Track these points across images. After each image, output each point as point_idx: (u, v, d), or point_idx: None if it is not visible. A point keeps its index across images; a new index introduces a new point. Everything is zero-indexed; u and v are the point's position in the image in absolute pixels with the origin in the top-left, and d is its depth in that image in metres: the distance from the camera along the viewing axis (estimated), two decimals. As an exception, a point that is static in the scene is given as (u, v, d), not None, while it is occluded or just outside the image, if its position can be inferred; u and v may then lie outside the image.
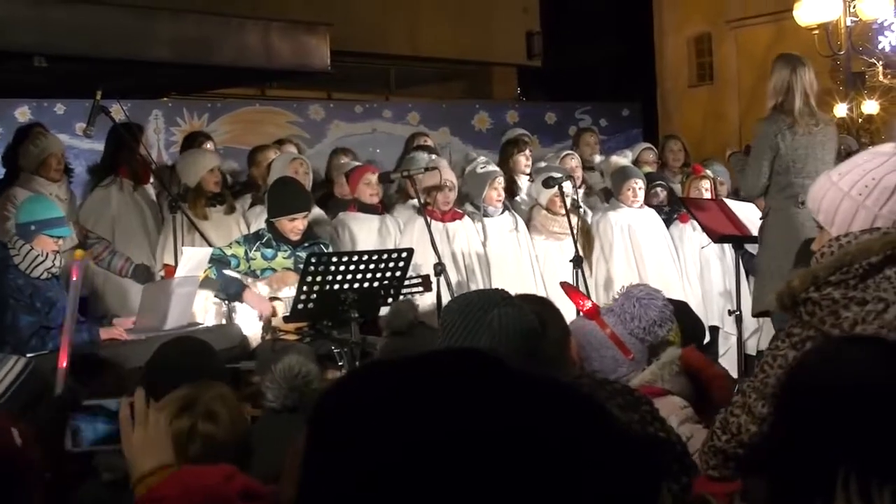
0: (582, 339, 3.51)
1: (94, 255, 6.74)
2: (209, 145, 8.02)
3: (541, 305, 3.15)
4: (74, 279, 4.13)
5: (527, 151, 8.47)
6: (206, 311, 6.45)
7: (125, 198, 7.27)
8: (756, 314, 6.76)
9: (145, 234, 7.29)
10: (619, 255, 7.88)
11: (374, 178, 7.32)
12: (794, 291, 2.56)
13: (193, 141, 8.09)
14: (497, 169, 7.80)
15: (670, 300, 4.53)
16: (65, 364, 3.86)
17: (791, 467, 1.72)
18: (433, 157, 7.99)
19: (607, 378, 1.89)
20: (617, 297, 3.78)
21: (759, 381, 2.64)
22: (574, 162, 8.48)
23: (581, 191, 8.18)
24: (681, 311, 4.13)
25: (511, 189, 8.07)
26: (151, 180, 7.46)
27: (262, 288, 6.35)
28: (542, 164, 8.42)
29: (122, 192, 7.27)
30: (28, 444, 2.54)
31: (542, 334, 2.74)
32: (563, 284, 4.71)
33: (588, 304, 3.85)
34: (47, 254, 5.76)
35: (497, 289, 2.94)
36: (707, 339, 6.92)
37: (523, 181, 8.31)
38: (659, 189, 8.35)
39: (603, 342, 3.56)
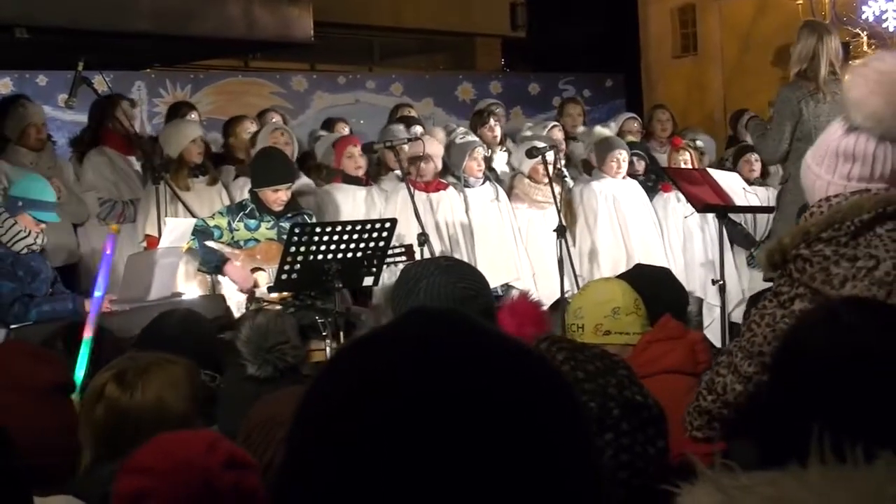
0: None
1: (115, 217, 7.03)
2: (193, 115, 7.99)
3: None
4: (108, 253, 4.13)
5: (490, 122, 8.37)
6: (193, 280, 6.47)
7: (117, 166, 7.33)
8: (767, 279, 6.75)
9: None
10: (603, 225, 7.86)
11: (356, 150, 7.31)
12: (784, 248, 2.56)
13: (178, 111, 8.06)
14: (476, 139, 7.78)
15: (653, 266, 4.52)
16: (89, 334, 3.88)
17: (784, 430, 1.73)
18: (418, 128, 7.97)
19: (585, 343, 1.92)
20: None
21: (746, 340, 2.63)
22: (560, 135, 8.46)
23: (562, 162, 8.14)
24: (662, 278, 4.09)
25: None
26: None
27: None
28: (528, 133, 8.37)
29: (113, 162, 7.31)
30: None
31: (474, 300, 2.78)
32: None
33: None
34: (30, 231, 5.75)
35: (441, 257, 2.99)
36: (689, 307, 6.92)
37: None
38: (635, 159, 8.27)
39: None
